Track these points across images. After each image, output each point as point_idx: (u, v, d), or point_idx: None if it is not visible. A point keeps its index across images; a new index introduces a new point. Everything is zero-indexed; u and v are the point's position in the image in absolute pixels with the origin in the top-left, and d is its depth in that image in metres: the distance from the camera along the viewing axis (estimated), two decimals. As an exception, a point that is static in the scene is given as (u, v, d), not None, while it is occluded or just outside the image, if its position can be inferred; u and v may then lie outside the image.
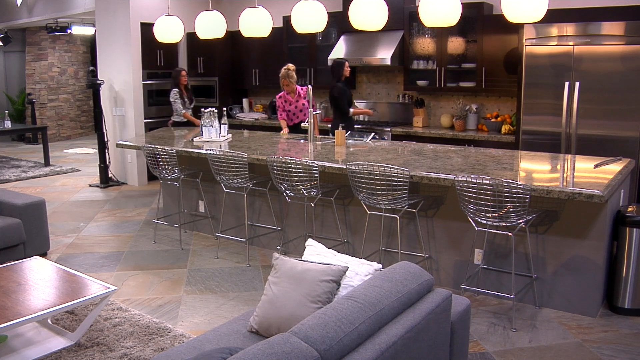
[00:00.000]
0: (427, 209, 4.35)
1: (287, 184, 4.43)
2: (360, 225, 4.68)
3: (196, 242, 5.56)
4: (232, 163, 4.68)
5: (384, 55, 6.70)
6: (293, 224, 5.14)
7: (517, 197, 3.39)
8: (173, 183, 5.62)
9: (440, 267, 4.37)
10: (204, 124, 5.67)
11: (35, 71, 13.09)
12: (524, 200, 3.38)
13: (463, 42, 6.56)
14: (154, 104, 8.47)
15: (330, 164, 4.33)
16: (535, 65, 5.51)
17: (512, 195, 3.40)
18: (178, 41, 5.91)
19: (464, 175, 3.63)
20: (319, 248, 2.72)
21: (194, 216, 5.91)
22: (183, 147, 5.28)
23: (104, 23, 8.18)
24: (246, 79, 8.53)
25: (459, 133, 6.37)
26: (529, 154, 4.80)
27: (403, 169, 3.80)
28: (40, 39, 13.00)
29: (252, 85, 8.50)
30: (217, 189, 5.61)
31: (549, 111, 5.49)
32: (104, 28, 8.19)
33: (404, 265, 2.41)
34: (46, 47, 13.12)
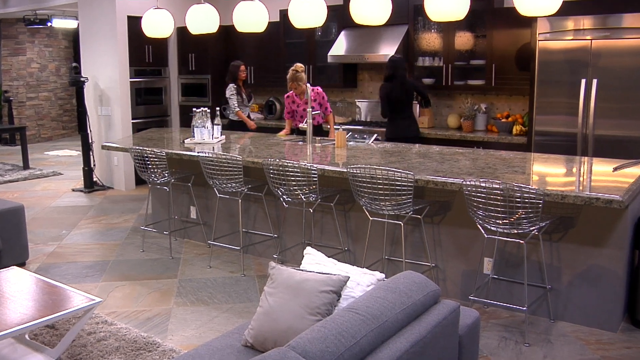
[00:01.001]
0: (433, 215, 4.35)
1: (284, 188, 4.43)
2: (362, 232, 4.68)
3: (187, 251, 5.55)
4: (225, 166, 4.68)
5: (387, 52, 6.71)
6: (290, 231, 5.14)
7: (529, 202, 3.39)
8: (163, 187, 5.62)
9: (447, 277, 4.36)
10: (196, 125, 5.67)
11: (13, 67, 13.03)
12: (537, 206, 3.38)
13: (471, 38, 6.57)
14: (142, 103, 8.49)
15: (330, 167, 4.33)
16: (549, 62, 5.51)
17: (524, 201, 3.39)
18: (168, 36, 5.92)
19: (472, 179, 3.63)
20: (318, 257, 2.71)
21: (185, 223, 5.90)
22: (173, 150, 5.28)
23: (87, 16, 8.19)
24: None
25: (467, 134, 6.37)
26: (542, 156, 4.80)
27: (407, 173, 3.80)
28: (17, 32, 12.92)
29: (247, 84, 8.50)
30: (210, 193, 5.60)
31: (564, 110, 5.50)
32: (87, 21, 8.20)
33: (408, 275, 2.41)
34: (24, 41, 13.05)
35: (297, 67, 5.98)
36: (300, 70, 5.96)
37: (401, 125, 6.21)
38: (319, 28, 7.54)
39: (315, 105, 5.97)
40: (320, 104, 6.02)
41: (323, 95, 6.02)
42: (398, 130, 6.20)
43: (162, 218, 6.01)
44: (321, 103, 6.01)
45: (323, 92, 6.05)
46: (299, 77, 5.94)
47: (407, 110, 6.24)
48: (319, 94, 6.00)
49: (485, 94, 6.76)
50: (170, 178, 5.25)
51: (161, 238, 5.87)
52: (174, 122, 9.01)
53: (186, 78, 8.77)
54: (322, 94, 6.00)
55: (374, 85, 7.59)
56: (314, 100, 5.95)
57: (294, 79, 5.95)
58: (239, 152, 5.00)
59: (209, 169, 4.80)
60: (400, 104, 6.16)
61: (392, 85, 6.09)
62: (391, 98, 6.12)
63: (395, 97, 6.11)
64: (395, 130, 6.21)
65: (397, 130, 6.19)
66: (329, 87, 7.69)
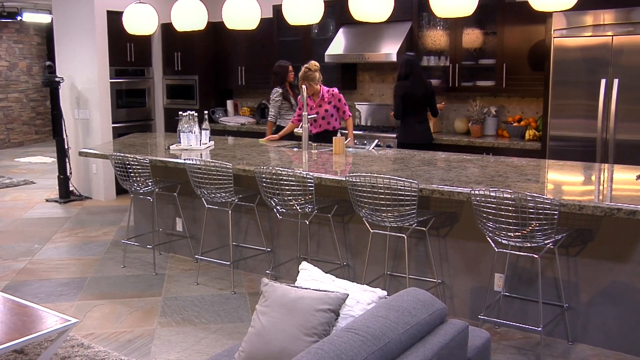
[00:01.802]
0: (439, 227, 4.36)
1: (278, 198, 4.44)
2: (362, 246, 4.68)
3: (172, 266, 5.54)
4: (214, 174, 4.68)
5: (389, 51, 6.74)
6: (285, 244, 5.14)
7: (543, 213, 3.40)
8: (146, 197, 5.62)
9: (454, 294, 4.36)
10: (182, 130, 5.68)
11: (-22, 65, 13.04)
12: (552, 217, 3.39)
13: (480, 35, 6.61)
14: (123, 106, 8.50)
15: (328, 175, 4.34)
16: (566, 60, 5.53)
17: (538, 211, 3.40)
18: (151, 33, 5.93)
19: (481, 188, 3.64)
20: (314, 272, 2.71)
21: (170, 236, 5.89)
22: (157, 156, 5.28)
23: (62, 10, 8.20)
24: (231, 77, 8.57)
25: (476, 139, 6.39)
26: (558, 163, 4.82)
27: (411, 182, 3.81)
28: (-19, 27, 12.94)
29: (237, 85, 8.53)
30: (197, 204, 5.60)
31: (582, 113, 5.51)
32: (62, 16, 8.21)
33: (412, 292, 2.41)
34: (-10, 36, 13.08)
35: (311, 65, 5.81)
36: (314, 68, 5.79)
37: (416, 131, 6.20)
38: (316, 25, 7.57)
39: (330, 109, 5.93)
40: (337, 107, 5.96)
41: (339, 97, 5.96)
42: (413, 136, 6.18)
43: (145, 231, 6.00)
44: (337, 106, 5.94)
45: (339, 93, 5.99)
46: (311, 76, 5.77)
47: (423, 113, 6.26)
48: (335, 96, 5.94)
49: (496, 96, 6.79)
50: (154, 187, 5.25)
51: (144, 252, 5.86)
52: (158, 126, 9.02)
53: (171, 79, 8.79)
54: (337, 96, 5.95)
55: (374, 86, 7.62)
56: (328, 102, 5.90)
57: (305, 77, 5.79)
58: (229, 160, 5.00)
59: (196, 177, 4.80)
60: (417, 106, 6.17)
61: (410, 84, 6.08)
62: (408, 99, 6.10)
63: (412, 98, 6.11)
64: (409, 135, 6.19)
65: (412, 136, 6.17)
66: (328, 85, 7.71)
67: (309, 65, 5.82)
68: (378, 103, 7.56)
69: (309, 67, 5.81)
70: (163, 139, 6.79)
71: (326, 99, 5.89)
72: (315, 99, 5.94)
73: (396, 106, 6.15)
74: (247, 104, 8.88)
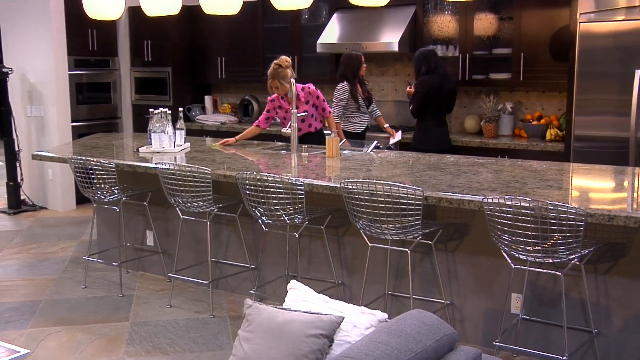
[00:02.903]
0: (447, 241, 4.36)
1: (263, 208, 4.43)
2: (360, 262, 4.68)
3: (142, 286, 5.52)
4: (190, 181, 4.68)
5: (390, 39, 6.76)
6: (271, 260, 5.13)
7: (567, 224, 3.40)
8: (111, 207, 5.60)
9: (465, 317, 4.37)
10: (154, 129, 5.67)
11: None
12: (578, 229, 3.40)
13: (495, 20, 6.63)
14: (84, 102, 8.48)
15: (320, 181, 4.34)
16: (594, 49, 5.53)
17: (562, 223, 3.41)
18: (117, 18, 5.93)
19: (495, 195, 3.65)
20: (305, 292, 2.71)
21: (140, 251, 5.88)
22: (125, 160, 5.27)
23: (10, -10, 8.17)
24: (209, 70, 8.57)
25: (489, 140, 6.41)
26: (584, 167, 4.83)
27: (415, 189, 3.81)
28: None
29: (217, 79, 8.53)
30: (171, 215, 5.59)
31: (612, 110, 5.52)
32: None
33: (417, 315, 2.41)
34: None
35: (282, 60, 5.73)
36: (285, 65, 5.72)
37: (437, 135, 6.24)
38: (306, 10, 7.59)
39: (309, 109, 5.87)
40: (315, 106, 5.92)
41: (317, 94, 5.89)
42: (432, 141, 6.20)
43: (110, 246, 5.98)
44: (316, 104, 5.90)
45: (316, 89, 5.95)
46: (282, 73, 5.70)
47: (442, 114, 6.31)
48: (312, 94, 5.86)
49: (512, 91, 6.81)
50: (121, 195, 5.23)
51: (109, 271, 5.84)
52: (126, 125, 9.00)
53: (141, 71, 8.78)
54: (315, 93, 5.88)
55: (373, 80, 7.64)
56: (305, 102, 5.85)
57: (275, 75, 5.72)
58: (207, 164, 5.00)
59: (170, 184, 4.79)
60: (439, 106, 6.22)
61: (437, 80, 6.10)
62: (432, 97, 6.12)
63: (437, 96, 6.13)
64: (428, 139, 6.21)
65: (431, 141, 6.18)
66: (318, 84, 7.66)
67: (279, 61, 5.71)
68: (378, 99, 7.57)
69: (279, 64, 5.70)
70: (131, 140, 6.77)
71: (302, 99, 5.80)
72: (289, 99, 5.82)
73: (418, 103, 6.16)
74: (228, 100, 8.88)
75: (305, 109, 5.82)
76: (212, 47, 8.48)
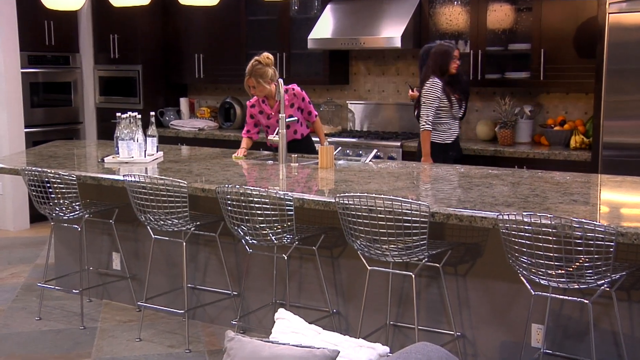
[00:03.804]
0: (456, 264, 4.35)
1: (247, 226, 4.42)
2: (357, 287, 4.67)
3: (107, 317, 5.49)
4: (164, 195, 4.66)
5: (391, 34, 6.78)
6: (256, 286, 5.11)
7: (595, 245, 3.40)
8: (71, 226, 5.58)
9: (478, 351, 4.36)
10: (121, 137, 5.67)
11: None
12: (608, 250, 3.39)
13: (511, 12, 6.66)
14: (40, 104, 8.47)
15: (312, 196, 4.34)
16: (625, 43, 5.55)
17: (589, 243, 3.41)
18: (78, 9, 5.92)
19: (512, 212, 3.65)
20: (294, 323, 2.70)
21: (105, 276, 5.85)
22: (88, 172, 5.26)
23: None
24: (185, 69, 8.57)
25: (505, 148, 6.42)
26: (614, 178, 4.84)
27: (420, 204, 3.81)
28: None
29: (194, 79, 8.53)
30: (141, 234, 5.57)
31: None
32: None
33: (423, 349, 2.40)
34: None
35: (263, 57, 5.69)
36: (265, 62, 5.67)
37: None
38: (295, 0, 7.61)
39: (293, 112, 5.85)
40: (301, 109, 5.92)
41: (302, 95, 5.90)
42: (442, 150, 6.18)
43: (70, 270, 5.95)
44: (301, 107, 5.91)
45: (302, 90, 5.95)
46: (261, 71, 5.65)
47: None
48: (297, 95, 5.85)
49: (531, 92, 6.83)
50: (83, 212, 5.22)
51: (68, 299, 5.81)
52: (89, 132, 8.99)
53: (106, 69, 8.78)
54: (300, 94, 5.89)
55: (372, 81, 7.65)
56: (290, 105, 5.83)
57: (252, 72, 5.66)
58: (183, 176, 4.99)
59: (140, 199, 4.77)
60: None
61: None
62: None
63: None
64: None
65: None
66: (310, 84, 7.73)
67: (259, 57, 5.68)
68: (377, 102, 7.59)
69: (259, 60, 5.67)
70: (95, 148, 6.76)
71: (287, 102, 5.79)
72: (272, 103, 5.83)
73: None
74: (207, 103, 8.88)
75: (290, 112, 5.80)
76: (188, 43, 8.49)
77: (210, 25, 8.25)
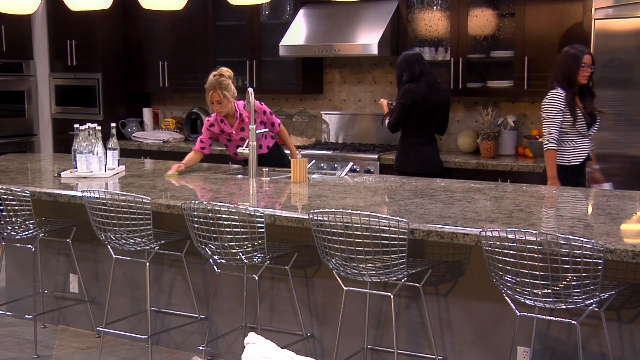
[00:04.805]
0: (437, 283, 4.37)
1: (215, 245, 4.41)
2: (333, 309, 4.67)
3: (63, 344, 5.46)
4: (126, 212, 4.64)
5: (368, 41, 6.80)
6: (225, 309, 5.10)
7: (583, 262, 3.42)
8: (25, 246, 5.53)
9: (462, 376, 4.37)
10: (80, 150, 5.64)
11: None
12: (596, 268, 3.41)
13: (493, 17, 6.71)
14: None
15: (285, 212, 4.34)
16: (612, 51, 5.59)
17: (576, 260, 3.43)
18: (31, 13, 5.89)
19: (495, 228, 3.67)
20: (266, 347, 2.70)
21: (61, 300, 5.81)
22: (43, 187, 5.22)
23: None
24: (149, 77, 8.55)
25: (488, 161, 6.45)
26: (602, 192, 4.88)
27: (399, 220, 3.82)
28: None
29: (158, 88, 8.51)
30: (101, 254, 5.54)
31: (636, 124, 5.60)
32: None
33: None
34: None
35: (223, 70, 5.68)
36: (227, 74, 5.67)
37: (424, 155, 6.28)
38: (266, 5, 7.62)
39: (258, 127, 5.79)
40: (263, 122, 5.86)
41: (263, 109, 5.81)
42: (419, 162, 6.23)
43: (23, 294, 5.90)
44: (263, 121, 5.83)
45: (261, 103, 5.87)
46: (224, 83, 5.62)
47: (431, 131, 6.35)
48: (258, 111, 5.77)
49: (514, 102, 6.88)
50: (38, 231, 5.18)
51: (20, 325, 5.76)
52: (44, 144, 8.92)
53: (63, 77, 8.73)
54: (261, 108, 5.79)
55: (347, 90, 7.67)
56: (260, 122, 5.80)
57: (217, 85, 5.60)
58: (146, 192, 4.97)
59: (100, 216, 4.75)
60: (427, 120, 6.26)
61: (425, 89, 6.14)
62: (418, 109, 6.13)
63: (424, 108, 6.15)
64: (413, 160, 6.26)
65: (418, 162, 6.21)
66: (282, 94, 7.75)
67: (218, 72, 5.67)
68: (353, 112, 7.61)
69: (222, 73, 5.66)
70: (51, 162, 6.71)
71: (246, 120, 5.74)
72: (231, 121, 5.81)
73: (398, 115, 6.14)
74: (172, 114, 8.86)
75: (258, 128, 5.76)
76: (152, 50, 8.47)
77: (175, 31, 8.24)
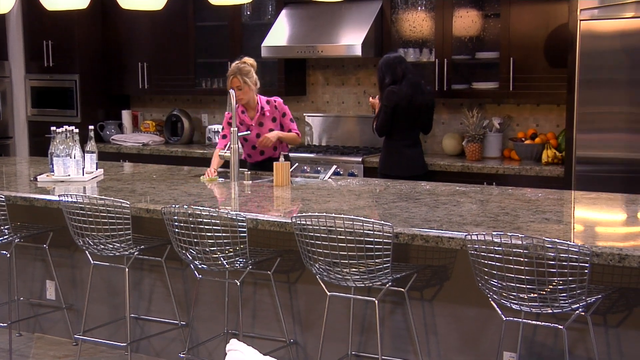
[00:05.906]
0: (422, 288, 4.38)
1: (196, 250, 4.40)
2: (316, 315, 4.67)
3: (39, 352, 5.44)
4: (104, 217, 4.63)
5: (351, 42, 6.81)
6: (206, 315, 5.09)
7: (569, 266, 3.44)
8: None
9: (448, 383, 4.38)
10: (56, 153, 5.62)
11: None
12: (582, 272, 3.43)
13: (478, 18, 6.73)
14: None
15: (267, 216, 4.35)
16: (598, 52, 5.61)
17: (562, 264, 3.45)
18: (6, 12, 5.87)
19: (481, 232, 3.68)
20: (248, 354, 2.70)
21: (37, 307, 5.79)
22: (18, 191, 5.21)
23: None
24: (128, 78, 8.52)
25: (473, 164, 6.48)
26: (589, 195, 4.90)
27: (383, 224, 3.83)
28: None
29: (137, 90, 8.49)
30: (79, 260, 5.52)
31: (622, 126, 5.61)
32: None
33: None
34: None
35: (245, 59, 5.77)
36: (249, 62, 5.73)
37: (408, 158, 6.30)
38: (248, 5, 7.62)
39: (274, 127, 5.80)
40: (282, 125, 5.86)
41: (284, 110, 5.85)
42: (403, 165, 6.26)
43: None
44: (282, 123, 5.86)
45: (284, 105, 5.91)
46: (245, 69, 5.66)
47: (415, 133, 6.38)
48: (278, 109, 5.84)
49: (500, 103, 6.90)
50: (13, 237, 5.16)
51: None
52: (20, 147, 8.88)
53: (40, 79, 8.70)
54: (282, 109, 5.78)
55: (331, 92, 7.68)
56: (272, 119, 5.81)
57: (239, 72, 5.64)
58: (125, 196, 4.96)
59: (77, 221, 4.73)
60: (411, 122, 6.28)
61: (408, 91, 6.16)
62: (402, 111, 6.16)
63: (408, 110, 6.18)
64: (398, 163, 6.28)
65: (402, 165, 6.24)
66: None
67: (244, 60, 5.76)
68: (337, 114, 7.61)
69: (244, 60, 5.75)
70: (27, 165, 6.69)
71: (267, 115, 5.80)
72: (252, 114, 5.85)
73: (384, 119, 6.19)
74: (152, 116, 8.84)
75: (272, 127, 5.79)
76: (131, 50, 8.45)
77: (155, 31, 8.22)
